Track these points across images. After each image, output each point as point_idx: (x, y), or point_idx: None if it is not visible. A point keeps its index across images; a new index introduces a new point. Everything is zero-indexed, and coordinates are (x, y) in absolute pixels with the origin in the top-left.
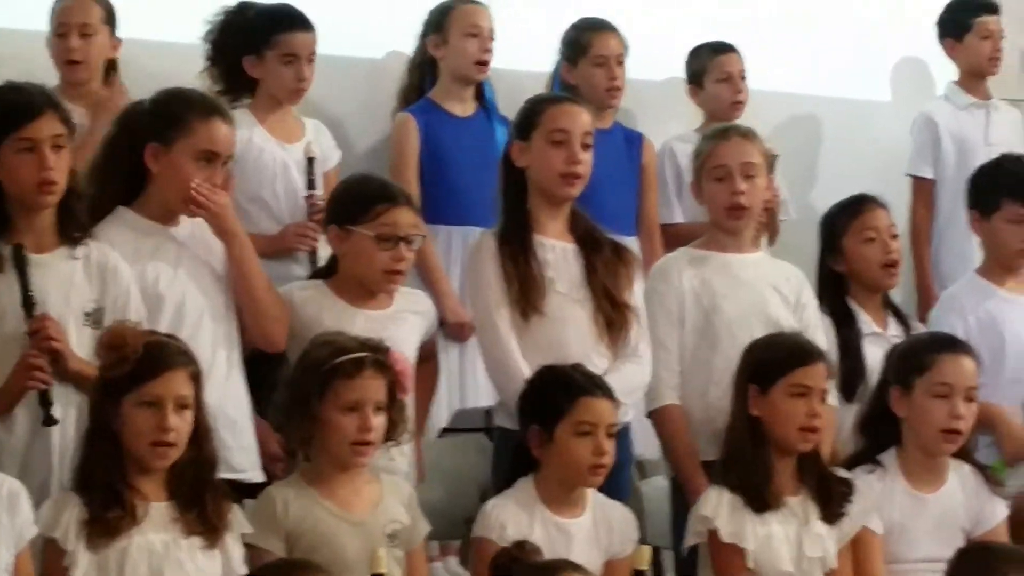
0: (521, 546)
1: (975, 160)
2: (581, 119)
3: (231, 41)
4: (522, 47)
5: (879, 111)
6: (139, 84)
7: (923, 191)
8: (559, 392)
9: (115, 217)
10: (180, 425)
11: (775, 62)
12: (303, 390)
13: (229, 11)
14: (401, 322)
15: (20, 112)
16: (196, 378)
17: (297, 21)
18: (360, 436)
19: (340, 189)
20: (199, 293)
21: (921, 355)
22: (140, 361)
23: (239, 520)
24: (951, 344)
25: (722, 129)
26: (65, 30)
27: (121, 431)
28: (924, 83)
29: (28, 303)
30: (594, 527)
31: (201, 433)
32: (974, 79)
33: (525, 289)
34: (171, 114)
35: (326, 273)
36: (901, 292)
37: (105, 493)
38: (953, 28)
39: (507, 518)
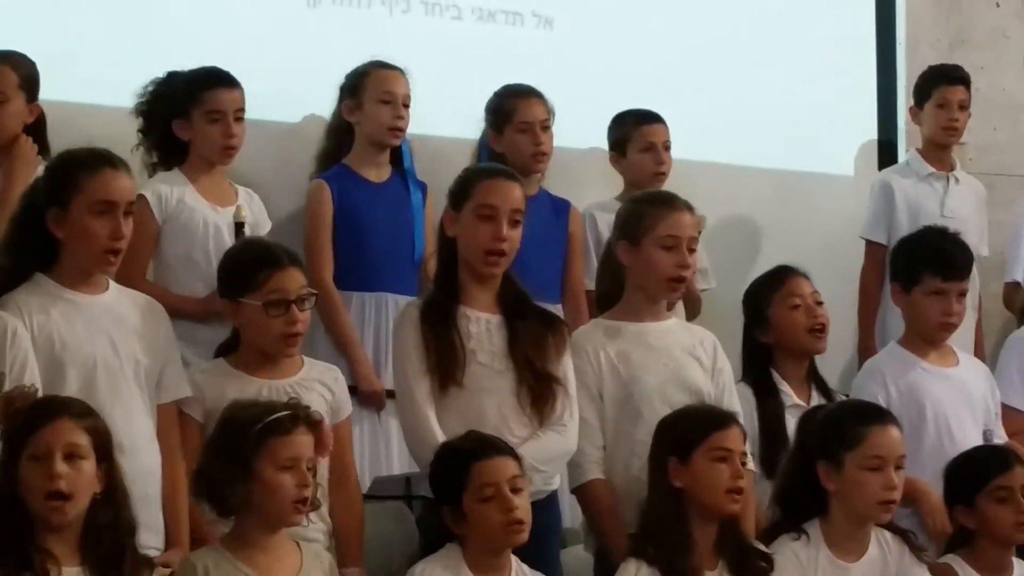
0: None
1: None
2: (512, 195)
3: (161, 108)
4: (445, 113)
5: (826, 184)
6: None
7: (874, 255)
8: (454, 466)
9: (30, 283)
10: (72, 474)
11: (713, 133)
12: (236, 451)
13: (157, 81)
14: (307, 391)
15: None
16: (97, 433)
17: (221, 79)
18: (299, 493)
19: (225, 260)
20: (116, 360)
21: (848, 429)
22: (26, 417)
23: None
24: (878, 415)
25: (669, 197)
26: None
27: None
28: (873, 157)
29: None
30: None
31: (118, 495)
32: (935, 148)
33: (443, 359)
34: (61, 176)
35: (229, 348)
36: (845, 357)
37: (16, 558)
38: (918, 96)
39: None
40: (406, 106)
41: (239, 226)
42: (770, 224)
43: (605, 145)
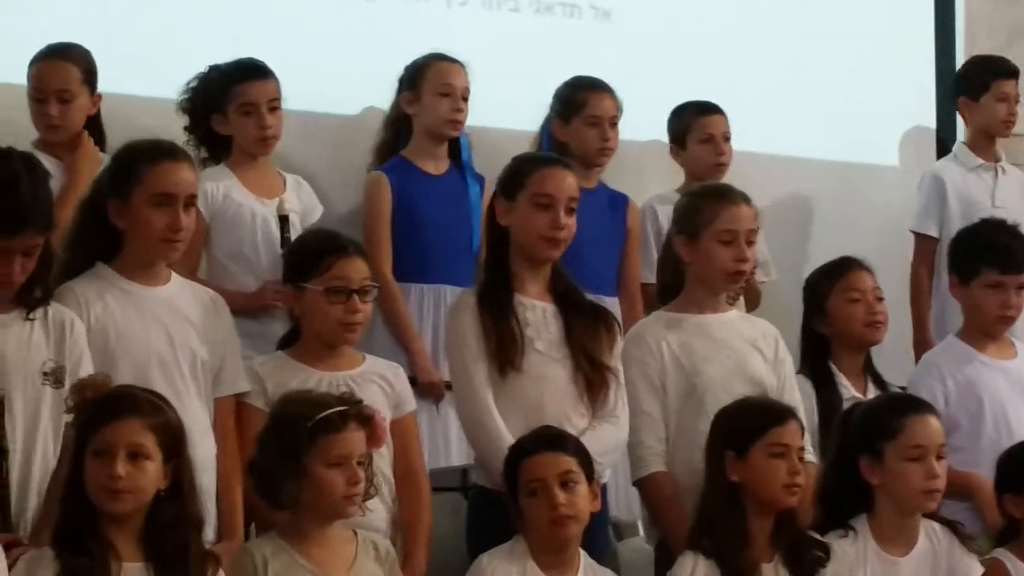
0: None
1: None
2: (567, 183)
3: (201, 105)
4: (504, 106)
5: (880, 175)
6: (124, 140)
7: (925, 249)
8: (511, 461)
9: (91, 272)
10: (134, 473)
11: (769, 124)
12: (287, 448)
13: (198, 76)
14: (367, 384)
15: None
16: (167, 430)
17: (251, 71)
18: (349, 490)
19: (291, 247)
20: (171, 352)
21: (887, 421)
22: (94, 410)
23: None
24: (915, 405)
25: (726, 190)
26: (43, 96)
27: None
28: (927, 148)
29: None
30: None
31: (184, 491)
32: (984, 140)
33: (502, 345)
34: (123, 167)
35: (289, 341)
36: (897, 349)
37: (77, 549)
38: (971, 87)
39: (500, 573)
40: (465, 99)
41: (283, 219)
42: (821, 215)
43: (664, 137)
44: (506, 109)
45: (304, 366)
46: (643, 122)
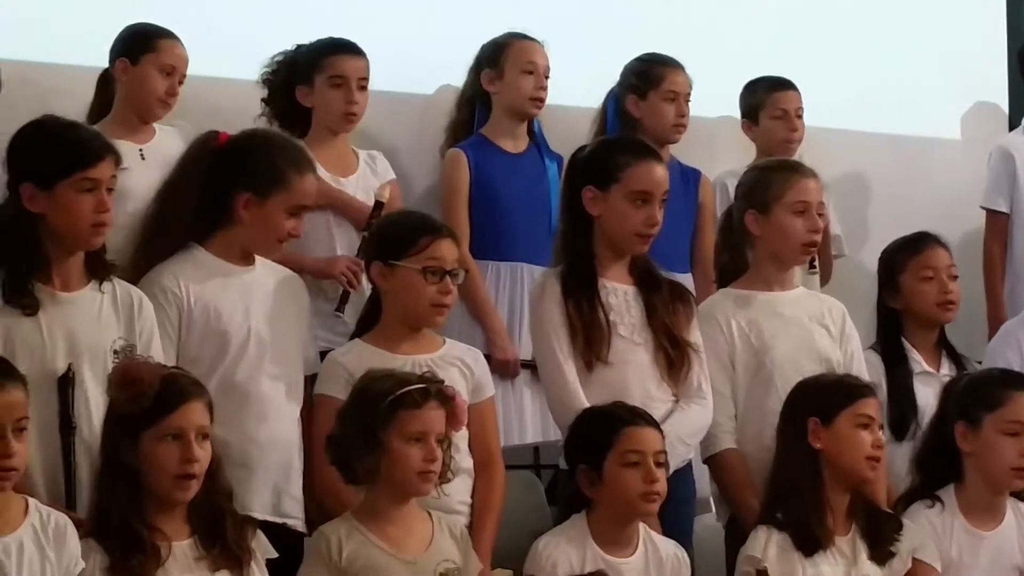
0: None
1: None
2: (663, 177)
3: (285, 76)
4: (569, 82)
5: (948, 149)
6: (201, 120)
7: (997, 225)
8: (602, 428)
9: (186, 253)
10: (203, 456)
11: (839, 99)
12: (367, 422)
13: (284, 52)
14: (448, 367)
15: (85, 154)
16: (211, 408)
17: (346, 46)
18: (426, 466)
19: (381, 225)
20: (268, 334)
21: (991, 391)
22: (159, 395)
23: (263, 545)
24: (1022, 382)
25: (793, 164)
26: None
27: (141, 468)
28: (997, 122)
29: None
30: (645, 566)
31: (214, 464)
32: None
33: (590, 339)
34: (268, 167)
35: (362, 329)
36: (972, 327)
37: (125, 537)
38: (1021, 63)
39: (559, 556)
40: (547, 76)
41: (378, 205)
42: (884, 189)
43: (732, 113)
44: (573, 86)
45: (385, 352)
46: (712, 98)
